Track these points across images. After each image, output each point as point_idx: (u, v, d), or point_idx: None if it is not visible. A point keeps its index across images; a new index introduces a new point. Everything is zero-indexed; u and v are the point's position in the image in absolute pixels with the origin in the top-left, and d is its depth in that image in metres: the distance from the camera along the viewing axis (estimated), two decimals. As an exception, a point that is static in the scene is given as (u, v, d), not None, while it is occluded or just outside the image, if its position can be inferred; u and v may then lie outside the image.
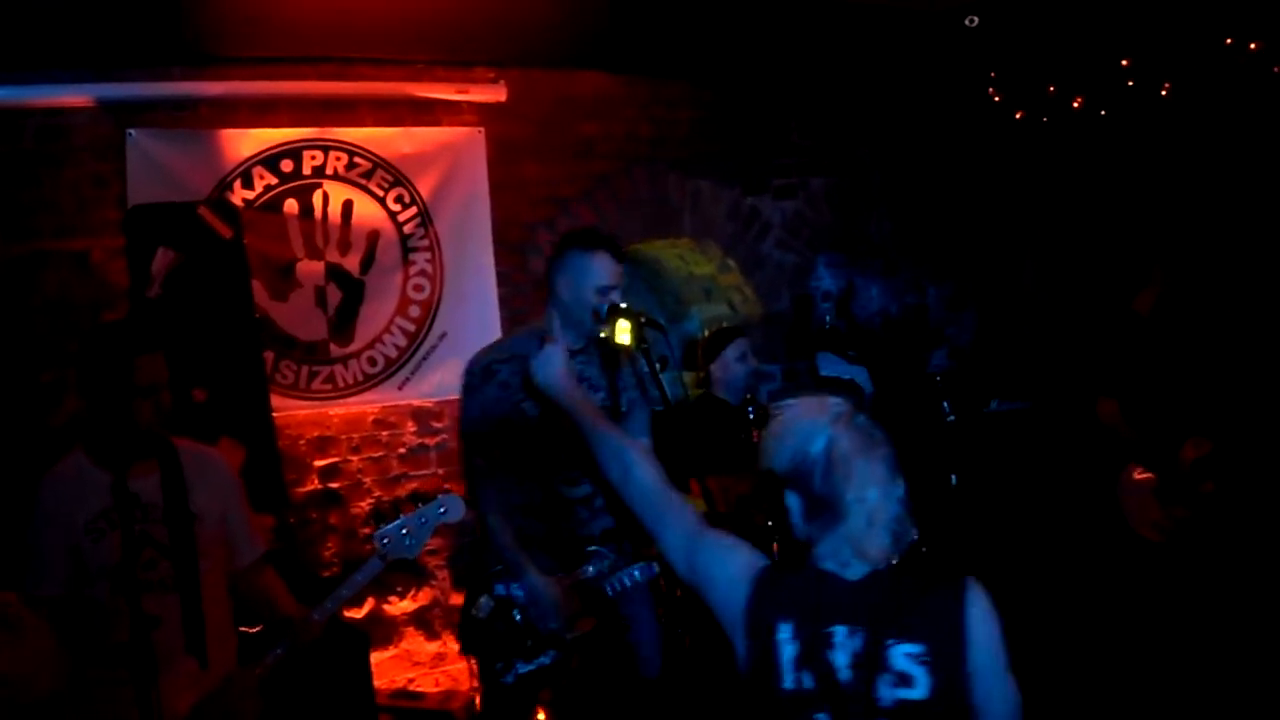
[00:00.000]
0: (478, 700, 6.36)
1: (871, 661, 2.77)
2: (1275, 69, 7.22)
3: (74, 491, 3.89)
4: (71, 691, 3.85)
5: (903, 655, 2.77)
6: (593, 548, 4.98)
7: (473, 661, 5.01)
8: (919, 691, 2.76)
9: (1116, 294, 7.32)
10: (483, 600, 4.84)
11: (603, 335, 4.87)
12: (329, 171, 7.18)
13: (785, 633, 2.86)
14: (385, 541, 4.07)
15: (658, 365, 5.16)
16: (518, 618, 4.80)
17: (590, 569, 4.92)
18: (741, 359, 6.76)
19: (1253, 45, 7.16)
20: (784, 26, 7.29)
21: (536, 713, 5.18)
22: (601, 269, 4.86)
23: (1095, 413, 6.95)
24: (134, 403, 3.82)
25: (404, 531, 4.08)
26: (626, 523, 5.15)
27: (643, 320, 5.21)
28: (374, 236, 7.31)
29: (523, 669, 4.82)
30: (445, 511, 4.17)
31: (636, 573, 4.98)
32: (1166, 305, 6.90)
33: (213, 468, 4.21)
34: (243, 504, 4.29)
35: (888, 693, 2.76)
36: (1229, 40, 7.20)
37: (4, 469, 5.85)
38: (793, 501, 2.95)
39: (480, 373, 4.90)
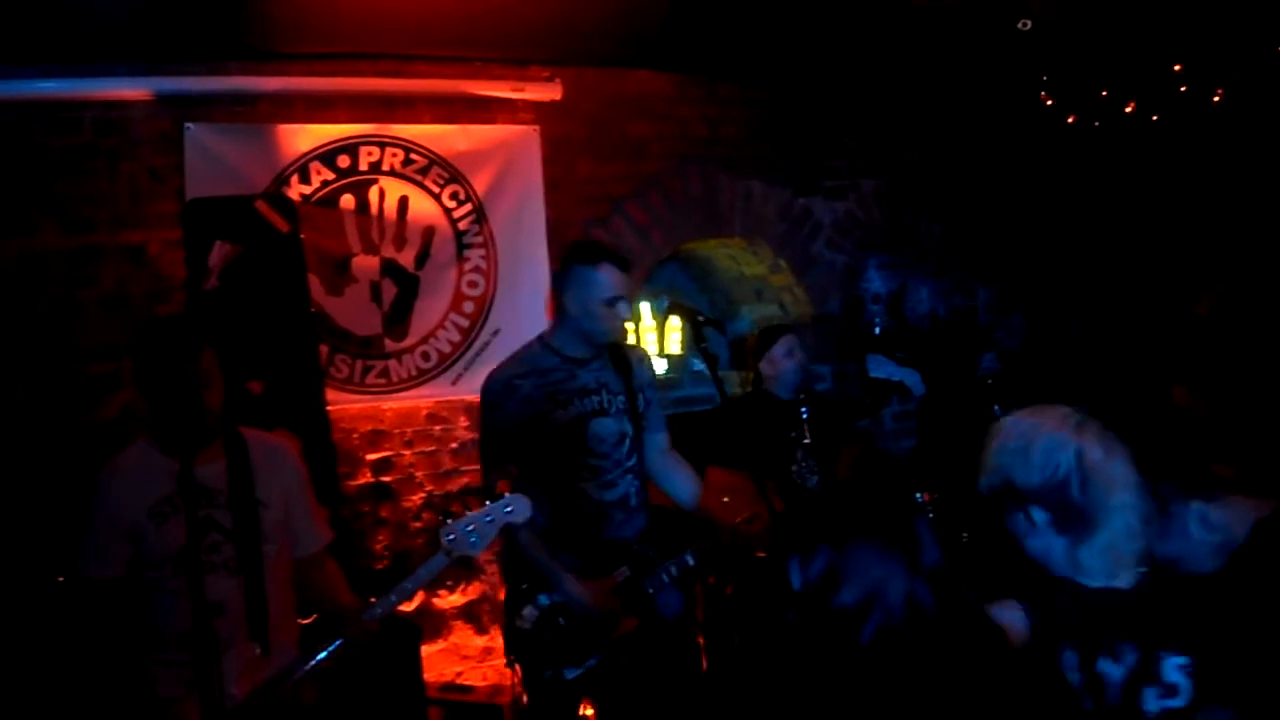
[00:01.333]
0: (525, 696, 6.40)
1: (1144, 675, 2.76)
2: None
3: (138, 478, 3.94)
4: (130, 674, 3.92)
5: (1174, 667, 2.76)
6: (636, 548, 5.04)
7: (517, 668, 5.04)
8: (1181, 700, 2.75)
9: (1168, 296, 7.28)
10: (527, 610, 4.87)
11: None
12: (385, 167, 7.22)
13: (1071, 661, 2.83)
14: (451, 538, 4.06)
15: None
16: (563, 624, 4.84)
17: (627, 569, 4.96)
18: (789, 354, 6.77)
19: None
20: (837, 28, 7.29)
21: (583, 708, 5.21)
22: (607, 281, 4.91)
23: (1169, 403, 6.92)
24: (195, 392, 3.85)
25: (470, 529, 4.07)
26: (660, 521, 5.23)
27: (699, 319, 5.23)
28: (429, 232, 7.34)
29: (570, 674, 4.85)
30: (512, 511, 4.16)
31: (674, 568, 5.05)
32: (1226, 308, 6.87)
33: (280, 457, 4.24)
34: (308, 494, 4.32)
35: (1154, 704, 2.75)
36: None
37: (58, 459, 5.93)
38: (1039, 516, 2.90)
39: (501, 389, 4.94)
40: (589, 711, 5.47)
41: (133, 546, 3.90)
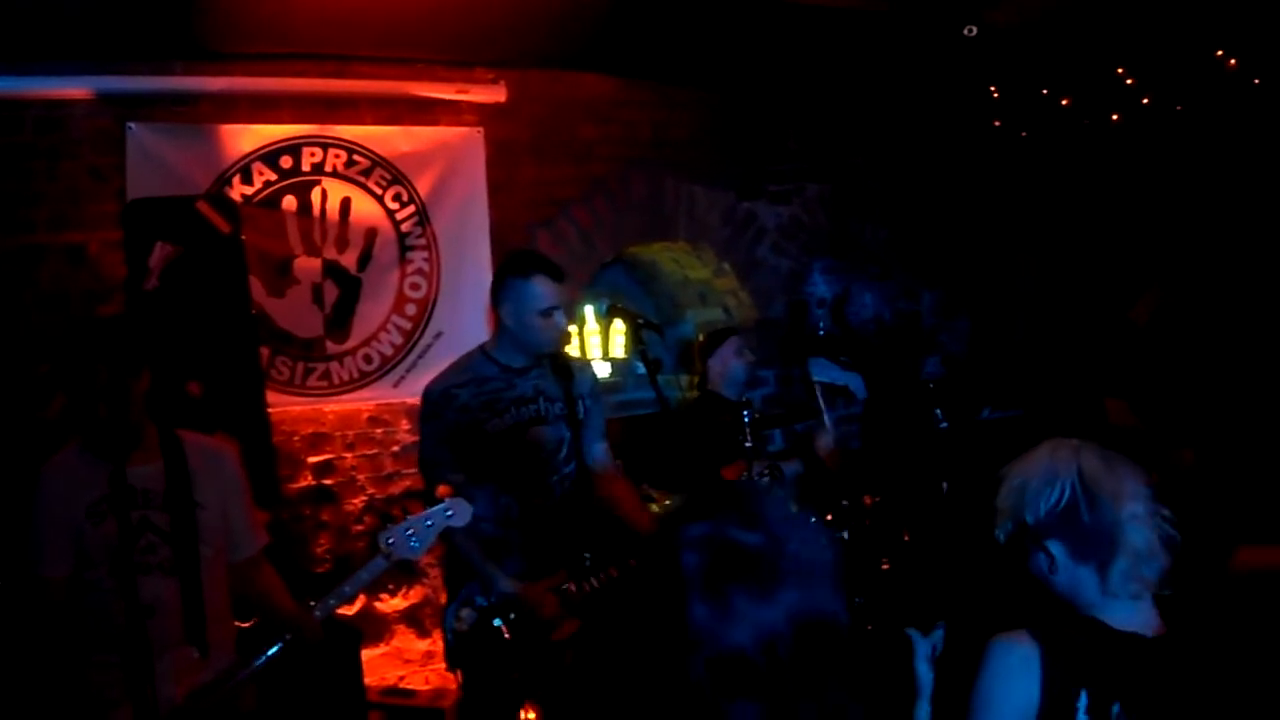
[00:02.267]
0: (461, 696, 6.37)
1: None
2: (1255, 81, 7.25)
3: (75, 478, 3.92)
4: (72, 674, 3.90)
5: None
6: (574, 552, 5.06)
7: (458, 673, 5.04)
8: None
9: (1111, 302, 7.32)
10: (465, 613, 4.88)
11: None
12: (328, 169, 7.18)
13: (1083, 702, 2.70)
14: (390, 542, 4.07)
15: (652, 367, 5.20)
16: (498, 624, 4.84)
17: (565, 573, 4.97)
18: (739, 353, 6.88)
19: (1232, 62, 7.20)
20: (783, 33, 7.30)
21: (524, 713, 5.20)
22: (541, 292, 4.95)
23: (1102, 416, 6.95)
24: (106, 401, 3.82)
25: (409, 532, 4.09)
26: (601, 527, 5.25)
27: (640, 322, 5.25)
28: (371, 234, 7.31)
29: (510, 675, 4.85)
30: (452, 515, 4.18)
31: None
32: (1163, 315, 6.92)
33: (219, 460, 4.23)
34: (246, 498, 4.31)
35: None
36: (1219, 53, 7.24)
37: (12, 454, 5.88)
38: (1056, 549, 2.83)
39: (439, 398, 4.99)
40: (531, 716, 5.46)
41: (74, 545, 3.89)
